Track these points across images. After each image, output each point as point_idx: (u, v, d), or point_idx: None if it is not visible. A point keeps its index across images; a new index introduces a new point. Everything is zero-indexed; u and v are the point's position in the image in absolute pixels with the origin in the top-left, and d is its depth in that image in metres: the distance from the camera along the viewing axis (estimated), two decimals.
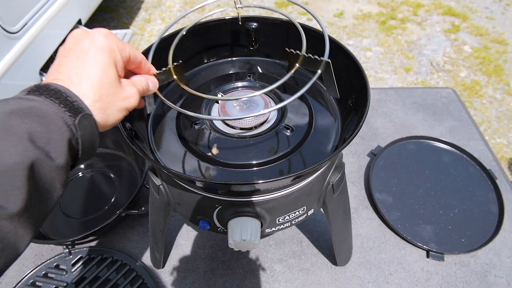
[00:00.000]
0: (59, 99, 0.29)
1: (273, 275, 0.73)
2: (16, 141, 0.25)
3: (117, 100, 0.34)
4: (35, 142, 0.26)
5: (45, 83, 0.30)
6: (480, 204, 0.83)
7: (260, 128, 0.51)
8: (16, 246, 0.24)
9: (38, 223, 0.26)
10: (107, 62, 0.33)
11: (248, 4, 0.57)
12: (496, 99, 2.15)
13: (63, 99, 0.29)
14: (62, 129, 0.28)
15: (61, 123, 0.28)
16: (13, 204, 0.23)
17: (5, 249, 0.24)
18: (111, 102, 0.33)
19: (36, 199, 0.26)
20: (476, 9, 2.88)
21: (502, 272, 0.72)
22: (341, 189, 0.55)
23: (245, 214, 0.47)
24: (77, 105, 0.30)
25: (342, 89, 0.56)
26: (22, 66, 1.70)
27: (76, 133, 0.29)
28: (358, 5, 2.98)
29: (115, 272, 0.73)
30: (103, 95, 0.32)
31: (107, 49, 0.33)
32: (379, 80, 2.29)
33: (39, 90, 0.29)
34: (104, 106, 0.33)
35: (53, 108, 0.28)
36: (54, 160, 0.27)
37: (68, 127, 0.28)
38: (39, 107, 0.27)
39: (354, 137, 0.42)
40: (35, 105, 0.27)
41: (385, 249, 0.77)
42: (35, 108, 0.27)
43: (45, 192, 0.27)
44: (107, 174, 0.90)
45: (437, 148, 0.94)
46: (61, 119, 0.28)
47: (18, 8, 1.69)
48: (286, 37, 0.60)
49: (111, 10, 2.99)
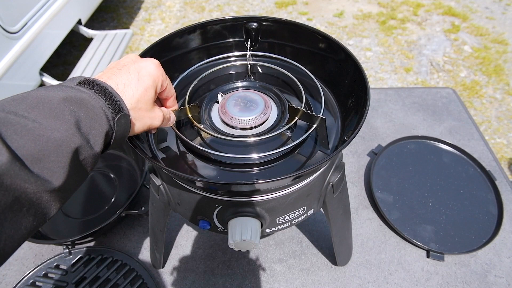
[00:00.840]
0: (105, 96, 0.34)
1: (273, 275, 0.73)
2: (66, 125, 0.29)
3: (146, 116, 0.40)
4: (80, 129, 0.30)
5: (94, 79, 0.35)
6: (480, 204, 0.83)
7: (260, 127, 0.51)
8: (46, 216, 0.28)
9: (66, 199, 0.30)
10: (150, 85, 0.39)
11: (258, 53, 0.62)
12: (496, 99, 2.15)
13: (108, 97, 0.34)
14: (103, 122, 0.32)
15: (104, 118, 0.33)
16: (55, 180, 0.27)
17: (39, 216, 0.27)
18: (141, 115, 0.39)
19: (73, 178, 0.29)
20: (476, 9, 2.88)
21: (502, 272, 0.72)
22: (341, 189, 0.55)
23: (245, 214, 0.47)
24: (119, 105, 0.35)
25: (342, 89, 0.56)
26: (22, 66, 1.70)
27: (113, 127, 0.34)
28: (358, 5, 2.98)
29: (115, 272, 0.73)
30: (138, 107, 0.38)
31: (154, 75, 0.40)
32: (379, 80, 2.29)
33: (89, 84, 0.34)
34: (135, 116, 0.38)
35: (99, 103, 0.33)
36: (92, 147, 0.31)
37: (108, 121, 0.33)
38: (88, 100, 0.32)
39: (354, 137, 0.42)
40: (86, 98, 0.32)
41: (385, 249, 0.77)
42: (85, 100, 0.32)
43: (80, 173, 0.31)
44: (107, 174, 0.90)
45: (437, 148, 0.94)
46: (104, 113, 0.33)
47: (18, 8, 1.69)
48: (287, 37, 0.60)
49: (111, 10, 2.99)
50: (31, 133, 0.27)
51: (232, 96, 0.52)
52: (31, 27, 1.74)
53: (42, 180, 0.26)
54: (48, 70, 2.00)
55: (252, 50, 0.62)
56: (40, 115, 0.28)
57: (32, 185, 0.25)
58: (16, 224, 0.25)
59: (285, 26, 0.59)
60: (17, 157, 0.25)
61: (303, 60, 0.59)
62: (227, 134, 0.50)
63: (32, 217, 0.26)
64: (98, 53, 2.09)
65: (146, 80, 0.39)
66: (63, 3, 1.96)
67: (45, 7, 1.85)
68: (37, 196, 0.26)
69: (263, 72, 0.62)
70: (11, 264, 0.76)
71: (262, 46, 0.62)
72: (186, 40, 0.59)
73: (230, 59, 0.63)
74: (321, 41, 0.57)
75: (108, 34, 2.24)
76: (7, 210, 0.24)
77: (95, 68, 1.98)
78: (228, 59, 0.63)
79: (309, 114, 0.47)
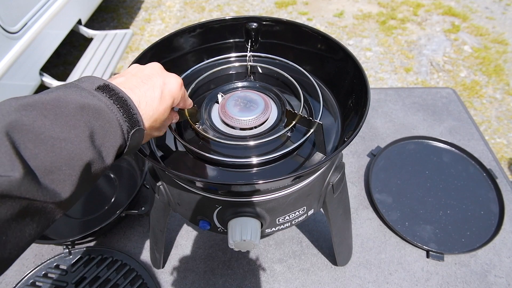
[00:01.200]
0: (123, 108, 0.33)
1: (273, 275, 0.73)
2: (80, 136, 0.28)
3: (156, 130, 0.41)
4: (93, 141, 0.30)
5: (114, 87, 0.33)
6: (480, 204, 0.83)
7: (260, 128, 0.51)
8: (50, 222, 0.28)
9: (70, 207, 0.30)
10: (169, 105, 0.39)
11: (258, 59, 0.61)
12: (496, 99, 2.15)
13: (126, 109, 0.33)
14: (118, 135, 0.32)
15: (119, 131, 0.32)
16: (64, 192, 0.27)
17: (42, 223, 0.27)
18: (153, 131, 0.39)
19: (80, 189, 0.29)
20: (476, 9, 2.88)
21: (502, 272, 0.72)
22: (341, 189, 0.55)
23: (245, 214, 0.47)
24: (135, 118, 0.34)
25: (342, 89, 0.56)
26: (22, 66, 1.70)
27: (127, 141, 0.34)
28: (358, 5, 2.98)
29: (115, 272, 0.73)
30: (153, 126, 0.38)
31: (175, 96, 0.39)
32: (379, 80, 2.29)
33: (108, 92, 0.33)
34: (147, 132, 0.37)
35: (117, 115, 0.32)
36: (104, 160, 0.31)
37: (123, 135, 0.33)
38: (105, 111, 0.31)
39: (354, 137, 0.42)
40: (103, 108, 0.31)
41: (385, 249, 0.77)
42: (102, 111, 0.31)
43: (88, 185, 0.31)
44: (107, 174, 0.90)
45: (437, 148, 0.94)
46: (120, 127, 0.32)
47: (18, 8, 1.69)
48: (287, 37, 0.60)
49: (111, 10, 2.99)
50: (45, 143, 0.26)
51: (232, 96, 0.53)
52: (31, 27, 1.74)
53: (51, 192, 0.26)
54: (48, 70, 2.00)
55: (252, 50, 0.62)
56: (55, 121, 0.28)
57: (40, 197, 0.25)
58: (20, 232, 0.25)
59: (285, 26, 0.59)
60: (30, 169, 0.25)
61: (303, 60, 0.59)
62: (227, 134, 0.50)
63: (36, 224, 0.26)
64: (98, 53, 2.09)
65: (168, 101, 0.38)
66: (63, 3, 1.95)
67: (45, 7, 1.85)
68: (43, 206, 0.26)
69: (263, 73, 0.62)
70: None
71: (262, 46, 0.62)
72: (186, 40, 0.59)
73: (230, 59, 0.63)
74: (321, 41, 0.57)
75: (108, 34, 2.24)
76: (11, 220, 0.24)
77: (95, 68, 1.98)
78: (228, 59, 0.63)
79: (306, 119, 0.48)
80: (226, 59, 0.63)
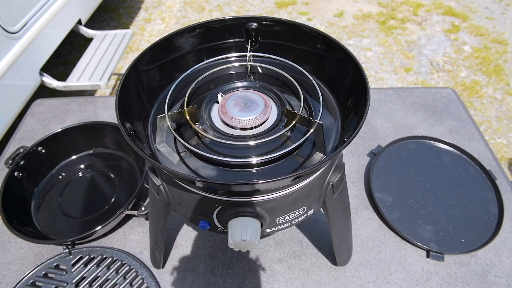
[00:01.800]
0: None
1: (273, 275, 0.73)
2: None
3: None
4: None
5: None
6: (480, 204, 0.83)
7: (260, 128, 0.51)
8: None
9: None
10: None
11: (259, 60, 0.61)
12: (496, 99, 2.15)
13: None
14: None
15: None
16: None
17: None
18: None
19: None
20: (476, 9, 2.88)
21: (502, 272, 0.72)
22: (341, 189, 0.55)
23: (245, 214, 0.47)
24: None
25: (342, 89, 0.56)
26: (22, 66, 1.70)
27: None
28: (358, 5, 2.98)
29: (115, 272, 0.73)
30: None
31: None
32: (379, 80, 2.29)
33: None
34: None
35: None
36: None
37: None
38: None
39: (354, 137, 0.42)
40: None
41: (385, 249, 0.77)
42: None
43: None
44: (107, 174, 0.90)
45: (437, 148, 0.94)
46: None
47: (18, 8, 1.69)
48: (287, 37, 0.60)
49: (111, 10, 2.99)
50: None
51: (232, 96, 0.52)
52: (31, 27, 1.74)
53: None
54: (48, 70, 2.00)
55: (252, 50, 0.62)
56: None
57: None
58: None
59: (285, 26, 0.59)
60: None
61: (303, 60, 0.59)
62: (227, 134, 0.50)
63: None
64: (98, 53, 2.09)
65: None
66: (63, 3, 1.96)
67: (45, 7, 1.85)
68: None
69: (263, 73, 0.62)
70: (11, 264, 0.76)
71: (262, 46, 0.62)
72: (186, 40, 0.59)
73: (230, 59, 0.63)
74: (321, 41, 0.57)
75: (108, 34, 2.24)
76: None
77: (95, 68, 1.98)
78: (228, 59, 0.63)
79: (306, 119, 0.48)
80: (226, 59, 0.63)
